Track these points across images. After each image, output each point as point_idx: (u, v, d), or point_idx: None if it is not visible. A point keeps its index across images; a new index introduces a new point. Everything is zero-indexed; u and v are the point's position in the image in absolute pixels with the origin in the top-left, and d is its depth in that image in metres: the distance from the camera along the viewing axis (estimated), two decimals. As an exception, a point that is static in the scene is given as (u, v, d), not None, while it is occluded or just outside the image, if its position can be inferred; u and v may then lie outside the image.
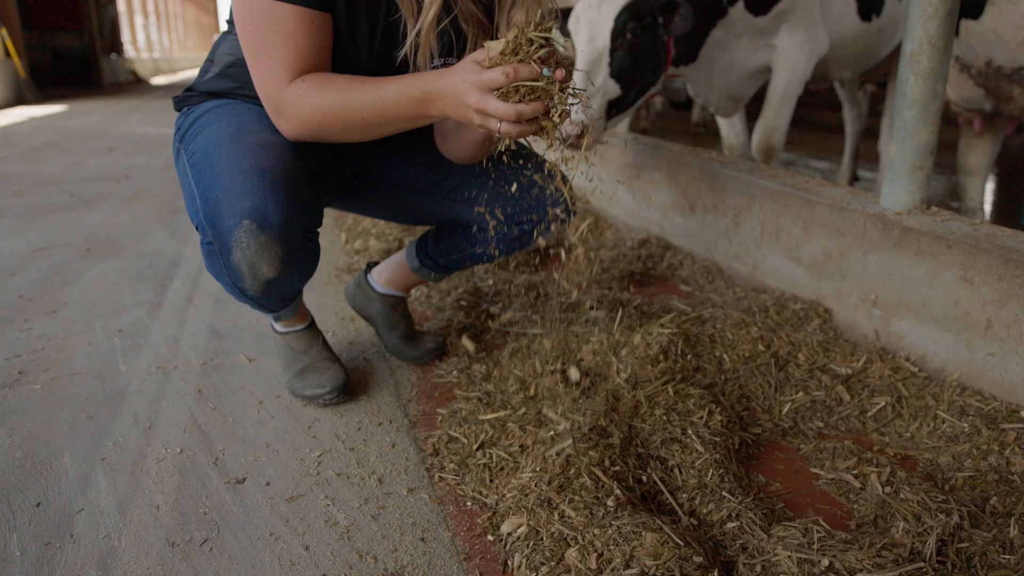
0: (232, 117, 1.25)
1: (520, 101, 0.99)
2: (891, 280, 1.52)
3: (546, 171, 1.45)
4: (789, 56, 2.61)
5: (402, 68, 1.23)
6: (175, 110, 1.41)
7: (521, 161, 1.45)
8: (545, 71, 0.97)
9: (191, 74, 22.27)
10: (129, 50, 17.21)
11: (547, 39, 0.99)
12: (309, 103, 1.13)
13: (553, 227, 1.47)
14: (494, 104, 0.99)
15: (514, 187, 1.43)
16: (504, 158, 1.41)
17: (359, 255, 2.42)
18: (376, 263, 1.76)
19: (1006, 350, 1.30)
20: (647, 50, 2.15)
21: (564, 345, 1.53)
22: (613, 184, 2.72)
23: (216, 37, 1.40)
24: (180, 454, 1.31)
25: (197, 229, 1.18)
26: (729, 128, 2.99)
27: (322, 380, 1.47)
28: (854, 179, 3.96)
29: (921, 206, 1.54)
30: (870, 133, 4.80)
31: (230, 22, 1.30)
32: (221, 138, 1.19)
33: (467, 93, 1.02)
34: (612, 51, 2.08)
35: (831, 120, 6.83)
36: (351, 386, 1.52)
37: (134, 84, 15.25)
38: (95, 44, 13.26)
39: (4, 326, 1.90)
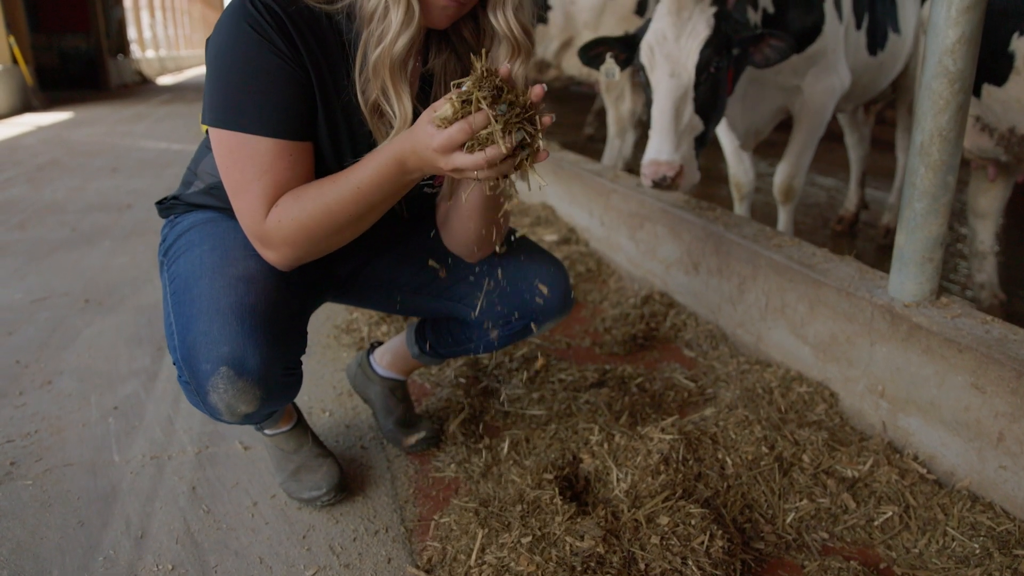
0: (216, 240, 1.21)
1: (486, 146, 0.97)
2: (899, 374, 1.48)
3: (544, 266, 1.41)
4: (815, 101, 2.56)
5: None
6: (160, 216, 1.38)
7: (517, 255, 1.41)
8: (500, 108, 0.96)
9: (197, 72, 22.25)
10: (135, 50, 17.19)
11: (495, 80, 0.97)
12: (290, 223, 1.09)
13: (550, 318, 1.44)
14: (462, 160, 0.98)
15: (510, 280, 1.39)
16: (499, 261, 1.38)
17: (359, 311, 2.39)
18: (379, 343, 1.73)
19: (1019, 466, 1.26)
20: (723, 83, 2.09)
21: (563, 443, 1.49)
22: (618, 229, 2.67)
23: (196, 149, 1.36)
24: (172, 571, 1.29)
25: (175, 364, 1.16)
26: (737, 165, 2.93)
27: (317, 480, 1.44)
28: (863, 205, 3.89)
29: (931, 297, 1.49)
30: (879, 144, 4.70)
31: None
32: (203, 267, 1.16)
33: (434, 159, 1.01)
34: (696, 86, 2.01)
35: (838, 128, 6.70)
36: (347, 482, 1.50)
37: (140, 85, 15.24)
38: (102, 46, 13.26)
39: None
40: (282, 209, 1.09)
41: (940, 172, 1.42)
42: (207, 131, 1.18)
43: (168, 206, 1.37)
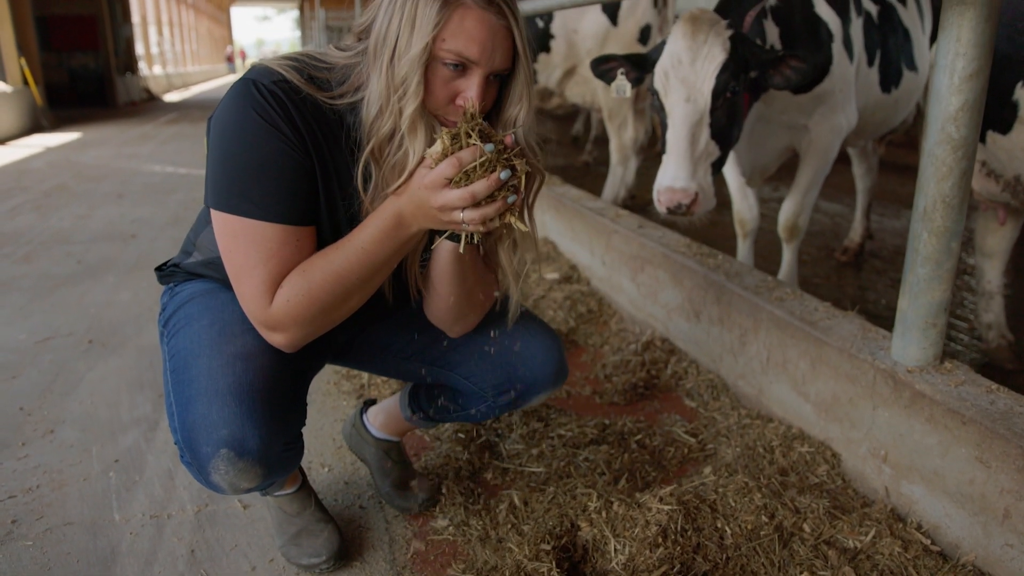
0: (215, 313, 1.22)
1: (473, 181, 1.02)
2: (902, 441, 1.46)
3: (535, 330, 1.41)
4: (822, 141, 2.55)
5: None
6: (159, 283, 1.39)
7: (512, 326, 1.41)
8: (487, 147, 1.00)
9: (203, 88, 22.43)
10: (143, 67, 17.39)
11: (481, 124, 1.03)
12: (300, 299, 1.09)
13: (543, 391, 1.44)
14: (450, 195, 1.01)
15: (503, 352, 1.39)
16: (493, 332, 1.37)
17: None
18: (373, 401, 1.73)
19: (1024, 544, 1.24)
20: (739, 107, 2.06)
21: (562, 508, 1.48)
22: (619, 270, 2.67)
23: (200, 213, 1.35)
24: (167, 645, 1.28)
25: (176, 444, 1.16)
26: (742, 201, 2.92)
27: (317, 547, 1.44)
28: (868, 235, 3.87)
29: (934, 362, 1.48)
30: (885, 166, 4.66)
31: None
32: (201, 344, 1.16)
33: (426, 197, 1.03)
34: (712, 111, 1.98)
35: (844, 152, 6.67)
36: (346, 549, 1.49)
37: (147, 102, 15.39)
38: (110, 64, 13.45)
39: (1, 452, 1.89)
40: (289, 287, 1.10)
41: (943, 238, 1.41)
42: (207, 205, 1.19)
43: (168, 273, 1.38)
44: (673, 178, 1.95)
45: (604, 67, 2.29)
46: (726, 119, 2.02)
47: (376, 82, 1.05)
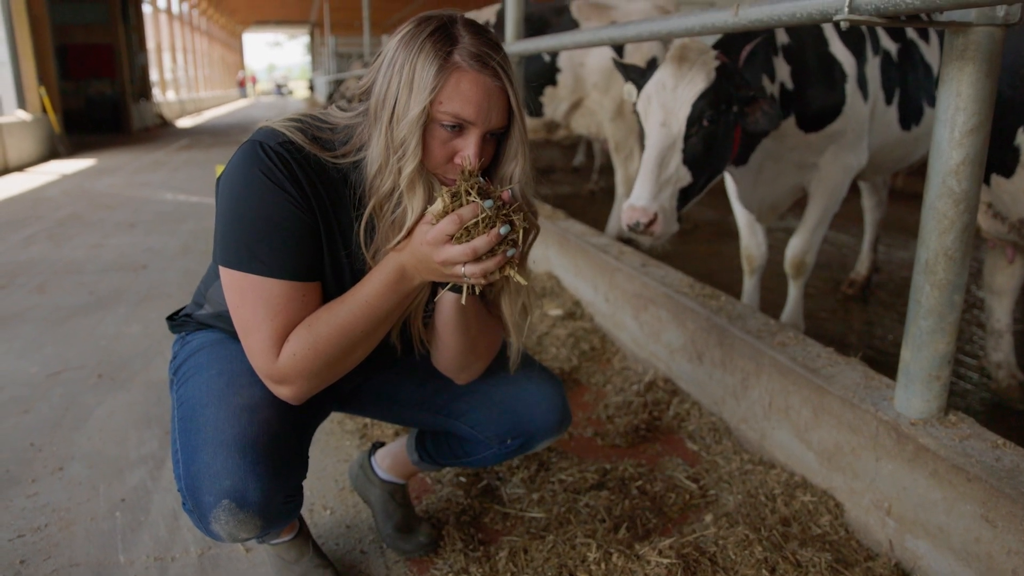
0: (224, 363, 1.24)
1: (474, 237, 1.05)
2: (906, 494, 1.45)
3: (538, 379, 1.42)
4: (831, 180, 2.56)
5: None
6: (171, 331, 1.41)
7: (515, 374, 1.42)
8: (486, 203, 1.04)
9: (216, 113, 22.80)
10: (156, 93, 17.75)
11: (479, 181, 1.07)
12: (305, 352, 1.12)
13: (546, 437, 1.44)
14: (452, 251, 1.04)
15: (506, 400, 1.40)
16: (497, 381, 1.39)
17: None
18: (381, 444, 1.74)
19: (1031, 605, 1.22)
20: (720, 138, 2.09)
21: (561, 558, 1.48)
22: (622, 308, 2.68)
23: (208, 268, 1.39)
24: None
25: (179, 491, 1.17)
26: (750, 238, 2.93)
27: (316, 595, 1.44)
28: (875, 269, 3.86)
29: (938, 414, 1.48)
30: (894, 196, 4.63)
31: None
32: (209, 394, 1.19)
33: (429, 252, 1.07)
34: (686, 137, 2.02)
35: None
36: (345, 596, 1.49)
37: (161, 128, 15.68)
38: (126, 91, 13.75)
39: (12, 488, 1.91)
40: (295, 342, 1.12)
41: (946, 291, 1.41)
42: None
43: (180, 322, 1.41)
44: (637, 197, 2.02)
45: (619, 69, 2.38)
46: (701, 147, 2.04)
47: (376, 143, 1.09)
